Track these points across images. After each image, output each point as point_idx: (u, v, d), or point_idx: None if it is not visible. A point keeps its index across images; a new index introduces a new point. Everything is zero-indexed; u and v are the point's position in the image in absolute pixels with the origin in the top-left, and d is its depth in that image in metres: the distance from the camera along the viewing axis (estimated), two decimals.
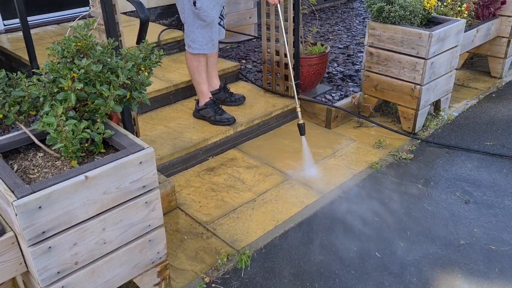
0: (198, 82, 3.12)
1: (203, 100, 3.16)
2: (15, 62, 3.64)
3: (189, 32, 2.95)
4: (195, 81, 3.14)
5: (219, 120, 3.13)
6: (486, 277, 2.12)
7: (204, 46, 2.97)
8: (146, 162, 1.65)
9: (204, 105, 3.15)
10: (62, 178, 1.48)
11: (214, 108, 3.14)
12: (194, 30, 2.92)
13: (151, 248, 1.81)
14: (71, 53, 1.68)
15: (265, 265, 2.20)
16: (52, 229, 1.47)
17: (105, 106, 1.67)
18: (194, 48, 2.98)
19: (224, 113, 3.16)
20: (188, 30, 2.95)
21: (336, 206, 2.60)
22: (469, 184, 2.78)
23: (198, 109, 3.19)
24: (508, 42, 4.10)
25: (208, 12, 2.86)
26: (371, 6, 3.23)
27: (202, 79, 3.11)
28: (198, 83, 3.13)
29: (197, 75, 3.09)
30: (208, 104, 3.14)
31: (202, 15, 2.86)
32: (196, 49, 2.97)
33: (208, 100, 3.15)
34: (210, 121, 3.15)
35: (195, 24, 2.90)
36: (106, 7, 2.04)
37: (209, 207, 2.58)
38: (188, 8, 2.86)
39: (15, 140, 1.73)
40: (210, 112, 3.14)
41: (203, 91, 3.15)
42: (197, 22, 2.89)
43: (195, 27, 2.91)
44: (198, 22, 2.89)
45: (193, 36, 2.94)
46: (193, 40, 2.95)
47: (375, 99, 3.46)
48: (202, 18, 2.87)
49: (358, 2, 6.59)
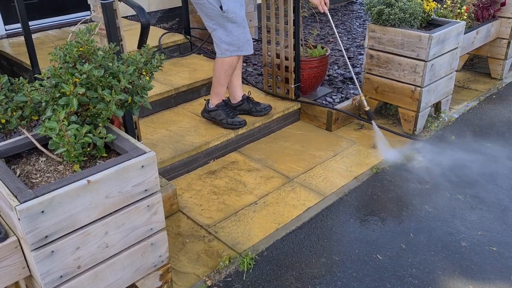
0: (221, 83, 3.04)
1: (216, 101, 3.11)
2: (17, 67, 3.66)
3: (224, 36, 2.86)
4: (217, 82, 3.04)
5: (231, 123, 3.10)
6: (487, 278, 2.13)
7: (241, 47, 2.90)
8: (148, 166, 1.66)
9: (216, 106, 3.10)
10: (65, 182, 1.49)
11: (225, 111, 3.11)
12: (228, 34, 2.85)
13: (153, 252, 1.81)
14: (73, 58, 1.69)
15: (267, 267, 2.21)
16: (55, 233, 1.48)
17: (107, 110, 1.68)
18: (232, 51, 2.89)
19: (235, 116, 3.14)
20: (222, 35, 2.86)
21: (338, 208, 2.60)
22: (471, 186, 2.78)
23: (208, 110, 3.14)
24: (508, 43, 4.11)
25: (237, 12, 2.81)
26: (371, 8, 3.24)
27: (225, 82, 3.04)
28: (219, 84, 3.04)
29: (223, 78, 3.01)
30: (220, 106, 3.10)
31: (232, 17, 2.80)
32: (234, 51, 2.90)
33: (220, 101, 3.11)
34: (221, 124, 3.11)
35: (227, 28, 2.84)
36: (107, 12, 2.05)
37: (211, 210, 2.59)
38: (216, 14, 2.79)
39: (17, 145, 1.74)
40: (221, 115, 3.10)
41: (220, 92, 3.08)
42: (229, 25, 2.83)
43: (228, 31, 2.84)
44: (230, 25, 2.83)
45: (229, 40, 2.86)
46: (230, 43, 2.87)
47: (375, 101, 3.46)
48: (233, 20, 2.81)
49: (358, 4, 6.60)
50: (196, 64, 3.90)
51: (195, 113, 3.35)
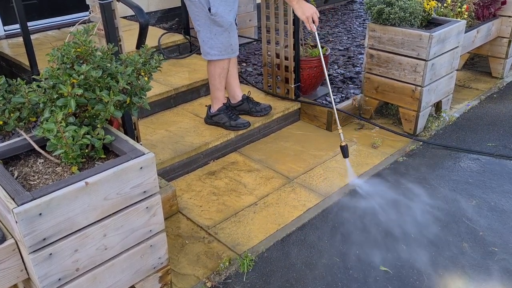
0: (217, 88, 3.04)
1: (217, 106, 3.10)
2: (15, 67, 3.65)
3: (207, 39, 2.85)
4: (213, 87, 3.05)
5: (235, 126, 3.08)
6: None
7: (223, 52, 2.89)
8: (147, 168, 1.65)
9: (217, 110, 3.09)
10: (63, 184, 1.47)
11: (228, 114, 3.10)
12: (212, 37, 2.83)
13: (152, 254, 1.80)
14: (71, 59, 1.67)
15: (267, 269, 2.19)
16: (53, 236, 1.47)
17: (105, 111, 1.67)
18: (213, 55, 2.89)
19: (238, 118, 3.12)
20: (205, 37, 2.85)
21: (338, 209, 2.59)
22: (472, 186, 2.77)
23: (210, 115, 3.13)
24: (508, 42, 4.09)
25: (225, 17, 2.79)
26: (371, 8, 3.23)
27: (221, 85, 3.03)
28: (216, 88, 3.04)
29: (218, 81, 3.01)
30: (221, 109, 3.09)
31: (219, 21, 2.78)
32: (216, 55, 2.89)
33: (221, 105, 3.10)
34: (225, 127, 3.10)
35: (212, 30, 2.82)
36: (106, 12, 2.04)
37: (211, 211, 2.58)
38: (203, 15, 2.78)
39: (15, 146, 1.72)
40: (224, 118, 3.09)
41: (219, 97, 3.08)
42: (214, 28, 2.81)
43: (212, 34, 2.83)
44: (215, 29, 2.81)
45: (211, 43, 2.85)
46: (211, 47, 2.86)
47: (375, 101, 3.45)
48: (219, 23, 2.79)
49: (358, 3, 6.59)
50: (196, 64, 3.89)
51: (195, 114, 3.34)
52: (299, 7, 2.77)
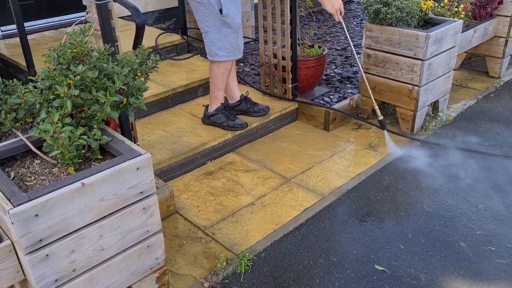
0: (218, 87, 3.03)
1: (215, 106, 3.09)
2: (12, 68, 3.64)
3: (215, 40, 2.84)
4: (214, 87, 3.04)
5: (232, 126, 3.08)
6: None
7: (231, 53, 2.89)
8: (143, 168, 1.65)
9: (215, 110, 3.09)
10: (59, 185, 1.47)
11: (225, 114, 3.09)
12: (221, 38, 2.82)
13: (149, 254, 1.80)
14: (67, 59, 1.67)
15: (264, 269, 2.19)
16: (49, 237, 1.47)
17: (102, 112, 1.66)
18: (221, 56, 2.88)
19: (236, 118, 3.12)
20: (214, 38, 2.84)
21: (335, 209, 2.59)
22: (470, 185, 2.78)
23: (208, 115, 3.12)
24: (505, 41, 4.10)
25: (235, 18, 2.79)
26: (367, 8, 3.23)
27: (223, 85, 3.03)
28: (217, 88, 3.04)
29: (220, 81, 3.00)
30: (219, 109, 3.08)
31: (230, 22, 2.77)
32: (224, 56, 2.88)
33: (219, 105, 3.09)
34: (222, 127, 3.09)
35: (221, 31, 2.81)
36: (102, 12, 2.04)
37: (208, 211, 2.58)
38: (213, 16, 2.77)
39: (11, 147, 1.72)
40: (222, 118, 3.08)
41: (219, 96, 3.07)
42: (224, 29, 2.80)
43: (221, 35, 2.82)
44: (225, 30, 2.80)
45: (220, 44, 2.84)
46: (220, 48, 2.85)
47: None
48: (230, 25, 2.79)
49: (355, 3, 6.59)
50: (193, 64, 3.89)
51: (192, 114, 3.34)
52: (328, 1, 2.97)
